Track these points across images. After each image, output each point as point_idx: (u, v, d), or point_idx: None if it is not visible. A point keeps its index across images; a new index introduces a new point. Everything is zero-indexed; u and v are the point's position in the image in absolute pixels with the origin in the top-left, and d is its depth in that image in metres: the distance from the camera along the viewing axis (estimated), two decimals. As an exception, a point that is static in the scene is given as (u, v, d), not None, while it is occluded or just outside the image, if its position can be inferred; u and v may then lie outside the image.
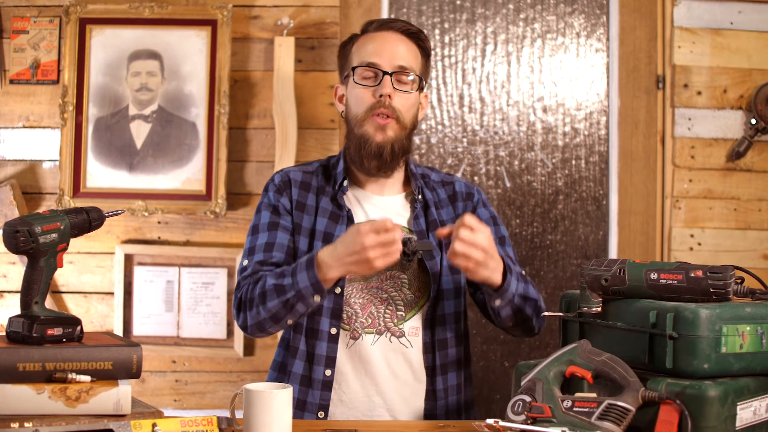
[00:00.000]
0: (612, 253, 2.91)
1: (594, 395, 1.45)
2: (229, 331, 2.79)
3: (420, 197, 1.92)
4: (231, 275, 2.79)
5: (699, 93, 2.83)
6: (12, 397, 1.36)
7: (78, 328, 1.47)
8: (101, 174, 2.78)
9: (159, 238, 2.82)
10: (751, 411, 1.43)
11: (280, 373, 1.90)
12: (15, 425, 1.32)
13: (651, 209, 2.87)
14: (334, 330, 1.82)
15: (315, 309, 1.81)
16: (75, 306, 2.83)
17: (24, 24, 2.82)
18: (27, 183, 2.83)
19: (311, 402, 1.82)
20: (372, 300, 1.83)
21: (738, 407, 1.40)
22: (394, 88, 1.84)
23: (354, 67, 1.88)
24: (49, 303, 2.72)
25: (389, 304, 1.84)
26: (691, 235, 2.83)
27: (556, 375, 1.47)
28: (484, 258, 1.68)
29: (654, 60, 2.87)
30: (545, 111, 2.94)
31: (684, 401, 1.37)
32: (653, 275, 1.51)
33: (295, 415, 1.79)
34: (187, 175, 2.77)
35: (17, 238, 1.43)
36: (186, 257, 2.80)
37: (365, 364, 1.82)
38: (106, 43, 2.80)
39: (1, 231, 1.48)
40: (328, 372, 1.81)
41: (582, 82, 2.95)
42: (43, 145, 2.83)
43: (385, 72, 1.84)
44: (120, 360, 1.43)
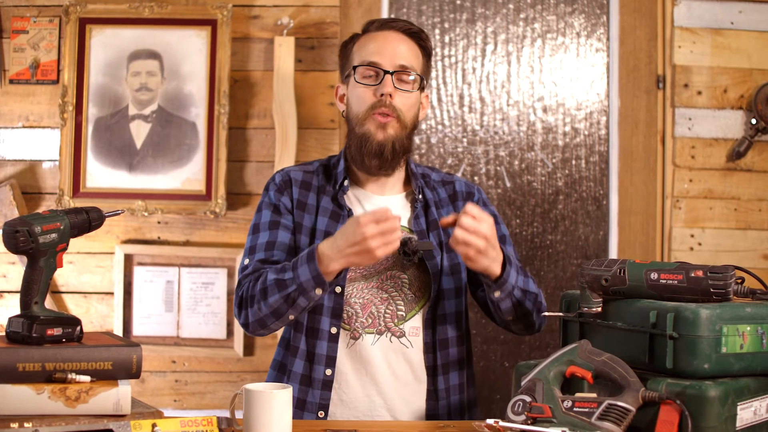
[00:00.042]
0: (612, 253, 2.91)
1: (594, 395, 1.45)
2: (229, 331, 2.79)
3: (420, 197, 1.92)
4: (231, 275, 2.79)
5: (699, 93, 2.83)
6: (12, 398, 1.35)
7: (78, 328, 1.47)
8: (101, 174, 2.78)
9: (159, 238, 2.82)
10: (752, 411, 1.43)
11: (280, 373, 1.89)
12: (15, 425, 1.32)
13: (651, 209, 2.87)
14: (334, 329, 1.82)
15: (316, 307, 1.81)
16: (75, 306, 2.82)
17: (24, 24, 2.81)
18: (27, 183, 2.83)
19: (311, 401, 1.82)
20: (372, 300, 1.83)
21: (738, 407, 1.40)
22: (395, 87, 1.84)
23: (355, 66, 1.88)
24: (49, 303, 2.72)
25: (390, 303, 1.83)
26: (692, 235, 2.83)
27: (556, 375, 1.47)
28: (485, 246, 1.68)
29: (654, 60, 2.87)
30: (545, 111, 2.94)
31: (684, 401, 1.37)
32: (653, 275, 1.50)
33: (295, 415, 1.78)
34: (187, 175, 2.77)
35: (17, 238, 1.43)
36: (186, 257, 2.80)
37: (365, 364, 1.82)
38: (105, 43, 2.79)
39: (1, 231, 1.47)
40: (328, 371, 1.81)
41: (582, 81, 2.95)
42: (43, 145, 2.83)
43: (386, 71, 1.84)
44: (120, 360, 1.43)
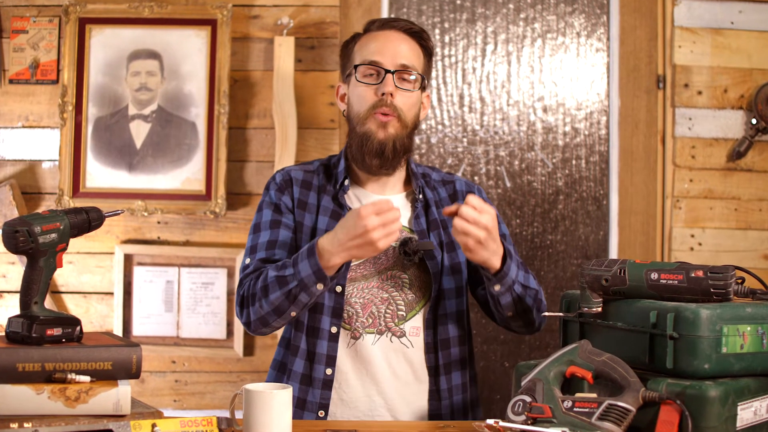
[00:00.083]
0: (612, 253, 2.91)
1: (594, 395, 1.45)
2: (229, 331, 2.79)
3: (421, 196, 1.92)
4: (231, 275, 2.79)
5: (699, 93, 2.83)
6: (11, 398, 1.35)
7: (77, 328, 1.47)
8: (101, 174, 2.78)
9: (159, 238, 2.82)
10: (752, 411, 1.43)
11: (280, 372, 1.89)
12: (14, 425, 1.31)
13: (651, 209, 2.87)
14: (334, 329, 1.81)
15: (316, 306, 1.81)
16: (74, 306, 2.82)
17: (23, 24, 2.81)
18: (26, 183, 2.83)
19: (311, 401, 1.81)
20: (373, 300, 1.83)
21: (738, 407, 1.40)
22: (396, 86, 1.84)
23: (356, 65, 1.87)
24: (49, 303, 2.72)
25: (390, 303, 1.83)
26: (692, 235, 2.83)
27: (556, 375, 1.47)
28: (485, 237, 1.68)
29: (654, 60, 2.87)
30: (545, 111, 2.94)
31: (684, 401, 1.37)
32: (654, 275, 1.50)
33: (296, 414, 1.78)
34: (187, 175, 2.77)
35: (17, 238, 1.43)
36: (186, 257, 2.80)
37: (366, 363, 1.82)
38: (105, 43, 2.79)
39: (1, 231, 1.47)
40: (328, 371, 1.81)
41: (582, 81, 2.94)
42: (43, 145, 2.83)
43: (388, 70, 1.84)
44: (119, 360, 1.43)
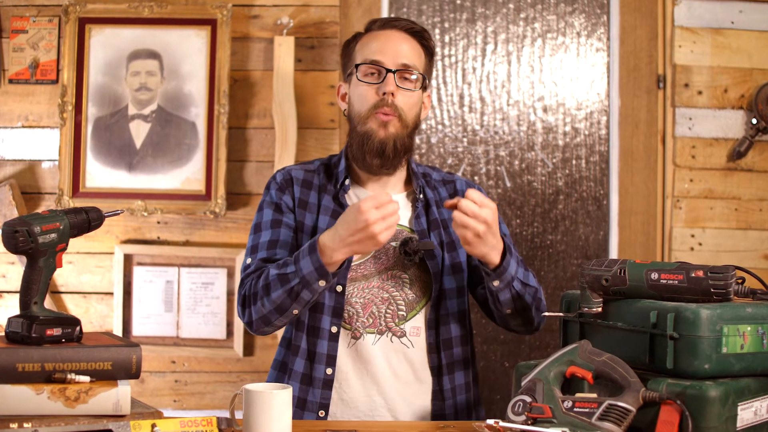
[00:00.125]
0: (612, 253, 2.91)
1: (594, 396, 1.45)
2: (229, 332, 2.79)
3: (421, 196, 1.92)
4: (231, 275, 2.79)
5: (700, 93, 2.83)
6: (11, 398, 1.35)
7: (77, 328, 1.47)
8: (100, 174, 2.78)
9: (158, 238, 2.82)
10: (752, 411, 1.43)
11: (281, 372, 1.89)
12: (14, 426, 1.31)
13: (651, 209, 2.87)
14: (334, 329, 1.81)
15: (317, 306, 1.81)
16: (74, 306, 2.82)
17: (23, 23, 2.81)
18: (26, 183, 2.83)
19: (312, 401, 1.81)
20: (373, 299, 1.83)
21: (739, 408, 1.40)
22: (397, 86, 1.84)
23: (357, 65, 1.87)
24: (49, 303, 2.72)
25: (390, 303, 1.83)
26: (692, 235, 2.83)
27: (556, 375, 1.47)
28: (484, 231, 1.68)
29: (655, 59, 2.87)
30: (545, 111, 2.94)
31: (685, 402, 1.36)
32: (654, 275, 1.50)
33: (296, 414, 1.78)
34: (187, 175, 2.77)
35: (16, 238, 1.43)
36: (185, 257, 2.80)
37: (366, 363, 1.82)
38: (105, 43, 2.79)
39: (1, 231, 1.47)
40: (328, 371, 1.81)
41: (582, 81, 2.94)
42: (43, 145, 2.83)
43: (389, 70, 1.84)
44: (119, 360, 1.43)
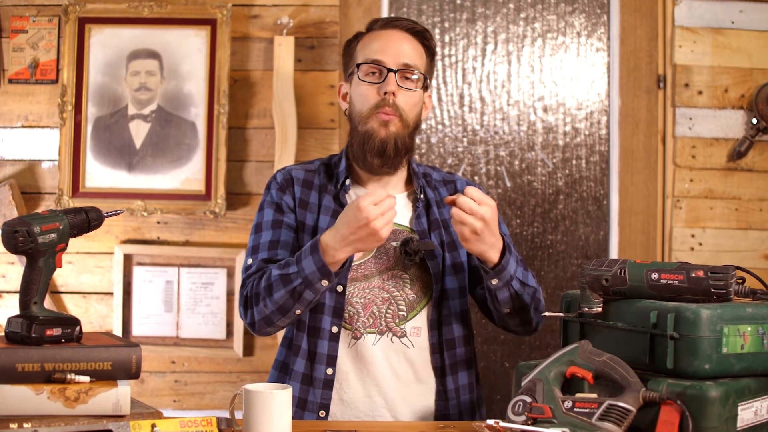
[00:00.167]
0: (613, 253, 2.91)
1: (595, 396, 1.45)
2: (229, 332, 2.79)
3: (422, 196, 1.92)
4: (231, 275, 2.79)
5: (700, 92, 2.82)
6: (11, 398, 1.35)
7: (77, 328, 1.46)
8: (100, 174, 2.78)
9: (158, 238, 2.82)
10: (752, 411, 1.43)
11: (281, 373, 1.89)
12: (14, 426, 1.31)
13: (652, 209, 2.87)
14: (335, 329, 1.81)
15: (317, 306, 1.80)
16: (74, 306, 2.82)
17: (23, 23, 2.81)
18: (26, 183, 2.83)
19: (312, 401, 1.81)
20: (374, 299, 1.83)
21: (739, 408, 1.39)
22: (398, 85, 1.84)
23: (359, 64, 1.87)
24: (48, 303, 2.72)
25: (391, 303, 1.83)
26: (692, 235, 2.83)
27: (556, 375, 1.47)
28: (481, 227, 1.68)
29: (655, 59, 2.86)
30: (546, 110, 2.94)
31: (685, 402, 1.36)
32: (654, 275, 1.50)
33: (296, 415, 1.78)
34: (187, 175, 2.77)
35: (16, 238, 1.43)
36: (185, 257, 2.80)
37: (366, 364, 1.82)
38: (105, 43, 2.79)
39: (0, 231, 1.47)
40: (329, 371, 1.81)
41: (582, 81, 2.94)
42: (42, 145, 2.83)
43: (390, 69, 1.84)
44: (119, 360, 1.43)
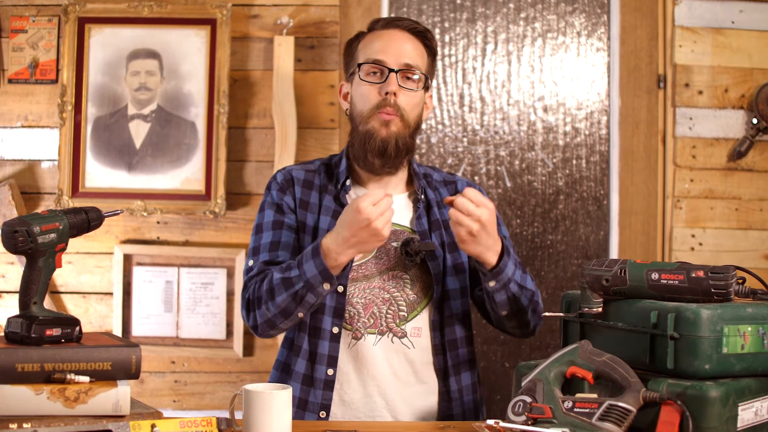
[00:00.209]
0: (613, 253, 2.91)
1: (595, 396, 1.45)
2: (229, 332, 2.79)
3: (423, 197, 1.92)
4: (230, 275, 2.79)
5: (700, 92, 2.82)
6: (10, 398, 1.35)
7: (77, 328, 1.46)
8: (100, 174, 2.78)
9: (158, 238, 2.82)
10: (753, 412, 1.43)
11: (283, 373, 1.89)
12: (14, 426, 1.31)
13: (652, 209, 2.87)
14: (336, 329, 1.81)
15: (318, 306, 1.80)
16: (74, 306, 2.82)
17: (22, 23, 2.81)
18: (25, 183, 2.83)
19: (313, 402, 1.81)
20: (374, 300, 1.83)
21: (739, 408, 1.39)
22: (399, 86, 1.83)
23: (360, 64, 1.87)
24: (48, 303, 2.72)
25: (391, 304, 1.83)
26: (693, 235, 2.83)
27: (556, 376, 1.46)
28: (478, 229, 1.67)
29: (655, 59, 2.86)
30: (546, 110, 2.94)
31: (685, 402, 1.36)
32: (654, 275, 1.50)
33: (297, 415, 1.78)
34: (186, 175, 2.77)
35: (16, 238, 1.43)
36: (185, 257, 2.80)
37: (367, 364, 1.82)
38: (105, 43, 2.79)
39: (0, 231, 1.47)
40: (329, 371, 1.81)
41: (583, 81, 2.94)
42: (42, 145, 2.83)
43: (391, 69, 1.83)
44: (119, 360, 1.43)
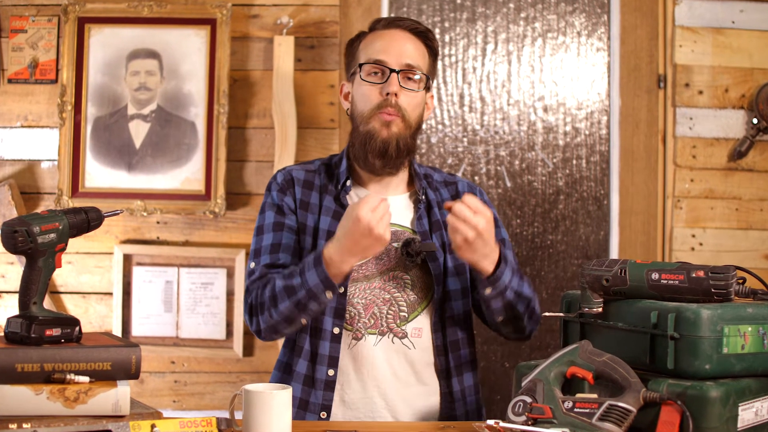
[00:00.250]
0: (613, 253, 2.91)
1: (595, 396, 1.45)
2: (229, 332, 2.79)
3: (423, 197, 1.91)
4: (230, 275, 2.79)
5: (700, 92, 2.82)
6: (10, 398, 1.35)
7: (76, 328, 1.46)
8: (100, 174, 2.78)
9: (158, 238, 2.82)
10: (753, 412, 1.43)
11: (284, 374, 1.88)
12: (13, 426, 1.31)
13: (652, 209, 2.87)
14: (336, 330, 1.81)
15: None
16: (73, 306, 2.82)
17: (22, 23, 2.81)
18: (25, 183, 2.83)
19: (314, 402, 1.81)
20: (375, 300, 1.83)
21: (740, 408, 1.39)
22: (400, 86, 1.83)
23: (361, 64, 1.87)
24: (48, 303, 2.71)
25: (392, 304, 1.83)
26: (693, 235, 2.83)
27: (556, 376, 1.46)
28: (473, 237, 1.67)
29: (655, 59, 2.86)
30: (546, 110, 2.94)
31: (685, 402, 1.36)
32: (654, 275, 1.50)
33: (298, 415, 1.78)
34: (186, 175, 2.77)
35: (15, 238, 1.43)
36: (185, 257, 2.80)
37: (367, 365, 1.82)
38: (104, 42, 2.79)
39: (0, 231, 1.47)
40: (330, 372, 1.81)
41: (583, 81, 2.94)
42: (42, 145, 2.83)
43: (392, 69, 1.83)
44: (119, 360, 1.43)
